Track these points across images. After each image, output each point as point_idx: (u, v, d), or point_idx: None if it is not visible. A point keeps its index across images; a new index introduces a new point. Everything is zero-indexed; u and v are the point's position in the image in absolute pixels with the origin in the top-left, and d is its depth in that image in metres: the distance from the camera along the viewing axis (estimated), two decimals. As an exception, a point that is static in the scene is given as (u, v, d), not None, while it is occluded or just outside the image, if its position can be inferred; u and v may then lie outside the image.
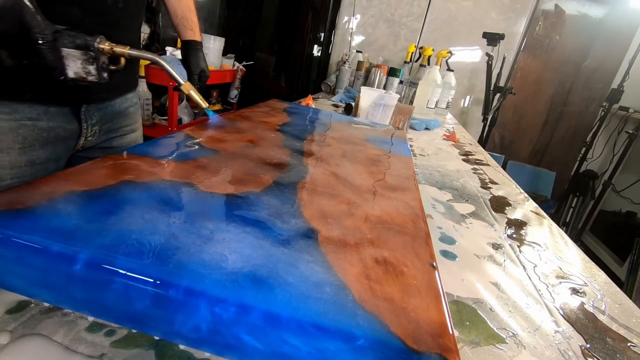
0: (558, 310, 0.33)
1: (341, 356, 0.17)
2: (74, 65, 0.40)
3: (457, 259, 0.39)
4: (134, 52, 0.45)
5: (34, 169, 0.49)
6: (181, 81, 0.51)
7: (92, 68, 0.41)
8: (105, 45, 0.42)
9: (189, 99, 0.53)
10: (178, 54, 1.58)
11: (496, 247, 0.44)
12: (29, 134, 0.47)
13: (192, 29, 0.70)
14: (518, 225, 0.53)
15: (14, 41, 0.36)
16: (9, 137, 0.45)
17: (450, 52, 1.65)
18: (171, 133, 0.42)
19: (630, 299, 0.38)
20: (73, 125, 0.51)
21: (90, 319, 0.22)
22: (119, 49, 0.43)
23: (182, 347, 0.22)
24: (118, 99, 0.59)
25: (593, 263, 0.45)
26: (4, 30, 0.34)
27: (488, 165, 0.86)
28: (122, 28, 0.53)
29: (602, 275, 0.42)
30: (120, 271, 0.18)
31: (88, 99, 0.52)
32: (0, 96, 0.44)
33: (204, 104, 0.52)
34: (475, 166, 0.82)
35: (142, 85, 1.53)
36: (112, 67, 0.44)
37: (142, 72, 1.50)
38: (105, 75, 0.43)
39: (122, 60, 0.45)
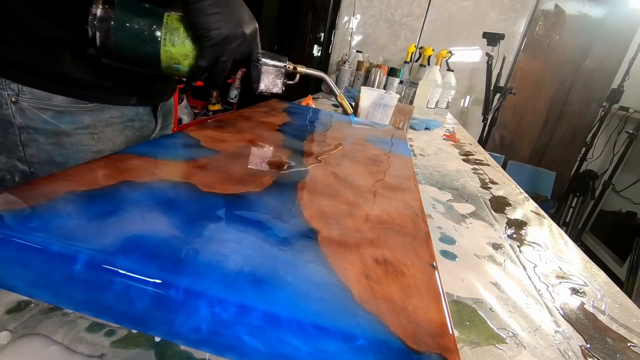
0: (558, 310, 0.33)
1: (341, 356, 0.17)
2: (267, 79, 0.49)
3: (457, 259, 0.39)
4: (307, 71, 0.54)
5: None
6: (337, 92, 0.63)
7: (279, 82, 0.50)
8: (290, 65, 0.51)
9: (339, 105, 0.66)
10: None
11: (496, 247, 0.44)
12: (130, 133, 0.53)
13: None
14: (518, 225, 0.53)
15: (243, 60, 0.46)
16: (119, 137, 0.52)
17: (450, 52, 1.65)
18: (171, 133, 0.42)
19: (630, 299, 0.38)
20: (152, 123, 0.58)
21: (90, 319, 0.22)
22: (299, 68, 0.53)
23: (182, 347, 0.22)
24: (170, 97, 0.66)
25: (593, 263, 0.45)
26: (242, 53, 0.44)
27: (488, 165, 0.86)
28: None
29: (602, 275, 0.42)
30: (120, 271, 0.18)
31: (163, 98, 0.59)
32: (114, 102, 0.49)
33: (349, 110, 0.67)
34: (475, 166, 0.82)
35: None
36: (290, 82, 0.52)
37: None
38: (284, 88, 0.51)
39: (297, 77, 0.53)
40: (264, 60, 0.47)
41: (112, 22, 0.37)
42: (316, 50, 2.51)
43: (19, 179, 0.46)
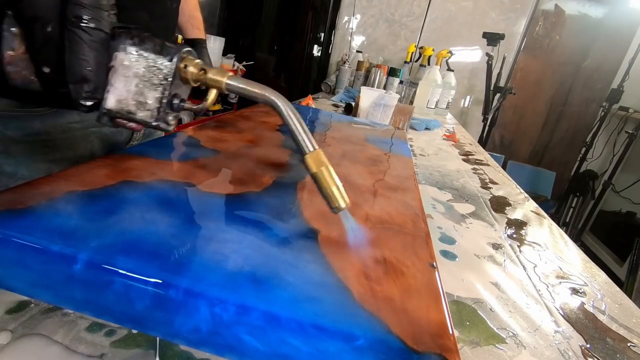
0: (558, 310, 0.33)
1: (341, 356, 0.17)
2: (123, 84, 0.25)
3: (457, 259, 0.39)
4: (239, 85, 0.25)
5: None
6: (311, 148, 0.27)
7: (151, 95, 0.25)
8: (192, 64, 0.26)
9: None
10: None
11: (496, 247, 0.44)
12: (96, 141, 0.48)
13: (198, 28, 0.70)
14: (518, 225, 0.53)
15: None
16: (81, 144, 0.46)
17: (450, 52, 1.65)
18: (171, 133, 0.42)
19: (630, 299, 0.38)
20: (127, 131, 0.52)
21: (90, 319, 0.22)
22: (211, 75, 0.26)
23: (182, 347, 0.22)
24: None
25: (593, 263, 0.45)
26: None
27: (488, 165, 0.86)
28: (172, 32, 0.54)
29: (602, 275, 0.42)
30: (120, 271, 0.18)
31: None
32: (62, 106, 0.42)
33: (342, 202, 0.28)
34: (475, 166, 0.82)
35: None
36: (188, 108, 0.28)
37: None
38: (172, 120, 0.27)
39: (212, 96, 0.27)
40: (122, 39, 0.24)
41: None
42: (316, 50, 2.51)
43: None
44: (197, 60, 0.26)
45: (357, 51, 2.00)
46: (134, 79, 0.25)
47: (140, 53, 0.24)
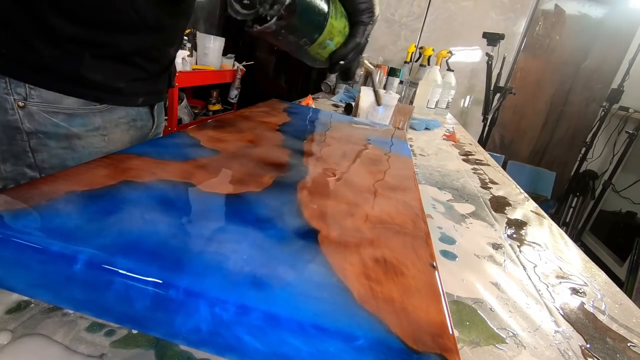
0: (558, 310, 0.33)
1: (341, 356, 0.17)
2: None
3: (457, 259, 0.39)
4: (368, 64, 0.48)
5: None
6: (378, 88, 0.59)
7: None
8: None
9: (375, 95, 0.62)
10: (179, 53, 1.57)
11: (496, 247, 0.44)
12: (133, 133, 0.54)
13: None
14: (518, 225, 0.53)
15: None
16: (125, 137, 0.52)
17: (450, 52, 1.65)
18: (171, 133, 0.42)
19: (630, 299, 0.38)
20: (150, 121, 0.58)
21: (90, 319, 0.22)
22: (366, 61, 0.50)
23: (182, 347, 0.22)
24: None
25: (593, 263, 0.45)
26: None
27: (488, 165, 0.86)
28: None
29: (602, 275, 0.42)
30: (120, 271, 0.18)
31: (161, 97, 0.59)
32: (124, 103, 0.49)
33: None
34: (475, 166, 0.82)
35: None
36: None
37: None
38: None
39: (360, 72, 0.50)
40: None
41: None
42: (316, 50, 2.50)
43: None
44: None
45: (357, 51, 2.00)
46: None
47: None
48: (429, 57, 1.75)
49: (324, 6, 0.38)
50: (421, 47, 1.84)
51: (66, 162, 0.46)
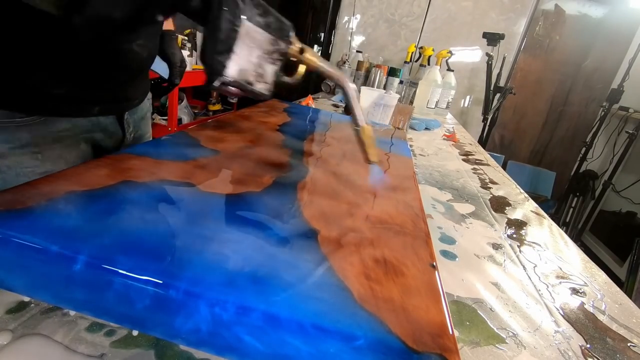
0: (558, 310, 0.33)
1: (341, 356, 0.17)
2: (244, 56, 0.25)
3: (457, 259, 0.39)
4: (321, 64, 0.32)
5: None
6: (363, 123, 0.37)
7: (268, 69, 0.27)
8: (296, 44, 0.29)
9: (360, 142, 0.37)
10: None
11: (496, 247, 0.44)
12: (87, 148, 0.45)
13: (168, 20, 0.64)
14: (518, 225, 0.53)
15: None
16: (73, 153, 0.43)
17: (450, 52, 1.65)
18: (171, 133, 0.42)
19: (630, 299, 0.38)
20: (118, 135, 0.49)
21: (90, 319, 0.22)
22: (307, 55, 0.30)
23: (182, 347, 0.22)
24: (142, 104, 0.55)
25: (593, 263, 0.45)
26: None
27: (488, 165, 0.86)
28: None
29: (602, 275, 0.42)
30: (120, 271, 0.18)
31: (130, 105, 0.49)
32: (70, 114, 0.40)
33: (373, 157, 0.37)
34: (475, 166, 0.82)
35: (142, 85, 1.53)
36: (287, 80, 0.31)
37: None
38: (270, 89, 0.29)
39: (300, 73, 0.31)
40: (246, 14, 0.25)
41: None
42: (316, 50, 2.51)
43: None
44: (297, 41, 0.29)
45: (357, 51, 2.00)
46: (257, 50, 0.25)
47: (265, 24, 0.25)
48: (429, 57, 1.75)
49: None
50: (421, 47, 1.84)
51: None
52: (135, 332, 0.22)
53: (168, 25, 0.66)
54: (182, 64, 0.64)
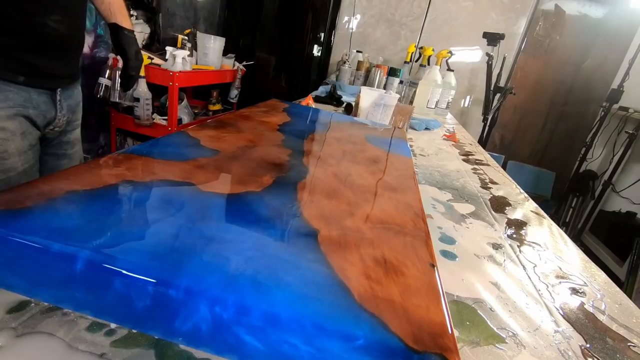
0: (558, 310, 0.33)
1: (341, 356, 0.17)
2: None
3: (457, 259, 0.39)
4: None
5: (33, 154, 0.52)
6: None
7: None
8: None
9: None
10: (179, 52, 1.58)
11: (496, 247, 0.44)
12: (23, 121, 0.49)
13: (120, 13, 0.68)
14: (518, 225, 0.53)
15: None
16: (12, 124, 0.47)
17: (450, 52, 1.65)
18: (171, 133, 0.42)
19: (630, 299, 0.38)
20: (51, 111, 0.53)
21: (90, 318, 0.22)
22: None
23: (182, 347, 0.22)
24: (76, 89, 0.61)
25: (593, 263, 0.45)
26: None
27: (488, 165, 0.86)
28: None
29: (602, 275, 0.42)
30: (120, 271, 0.18)
31: (58, 83, 0.53)
32: None
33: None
34: (475, 166, 0.82)
35: (142, 85, 1.53)
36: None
37: (142, 72, 1.50)
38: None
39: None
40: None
41: None
42: (316, 50, 2.51)
43: None
44: None
45: (357, 51, 2.00)
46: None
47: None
48: (429, 57, 1.75)
49: None
50: (421, 47, 1.84)
51: None
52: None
53: (121, 19, 0.67)
54: (138, 56, 0.68)
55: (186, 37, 1.83)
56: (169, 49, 1.61)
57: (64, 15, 0.50)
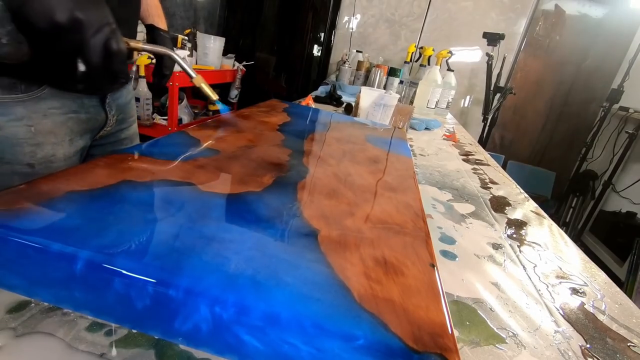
0: (558, 310, 0.33)
1: (341, 356, 0.17)
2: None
3: (457, 259, 0.39)
4: (148, 47, 0.45)
5: (78, 160, 0.54)
6: (193, 74, 0.52)
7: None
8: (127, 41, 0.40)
9: (200, 92, 0.53)
10: (179, 53, 1.58)
11: (496, 247, 0.44)
12: (74, 125, 0.51)
13: (157, 15, 0.70)
14: (518, 225, 0.53)
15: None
16: (62, 129, 0.49)
17: (450, 52, 1.65)
18: (171, 133, 0.42)
19: (630, 299, 0.38)
20: (101, 116, 0.56)
21: (90, 318, 0.22)
22: (133, 43, 0.43)
23: (182, 347, 0.22)
24: (125, 89, 0.63)
25: (593, 263, 0.45)
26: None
27: (488, 165, 0.86)
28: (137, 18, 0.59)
29: (602, 275, 0.42)
30: (120, 271, 0.18)
31: (112, 89, 0.56)
32: (57, 86, 0.46)
33: (214, 96, 0.54)
34: (475, 166, 0.82)
35: (142, 85, 1.53)
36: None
37: (142, 72, 1.50)
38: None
39: (135, 55, 0.48)
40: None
41: None
42: (316, 50, 2.51)
43: None
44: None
45: (357, 51, 2.00)
46: None
47: None
48: (429, 57, 1.75)
49: None
50: (421, 47, 1.84)
51: None
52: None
53: (158, 21, 0.68)
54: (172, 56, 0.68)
55: (186, 37, 1.83)
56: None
57: (121, 28, 0.52)
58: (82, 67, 0.39)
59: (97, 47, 0.37)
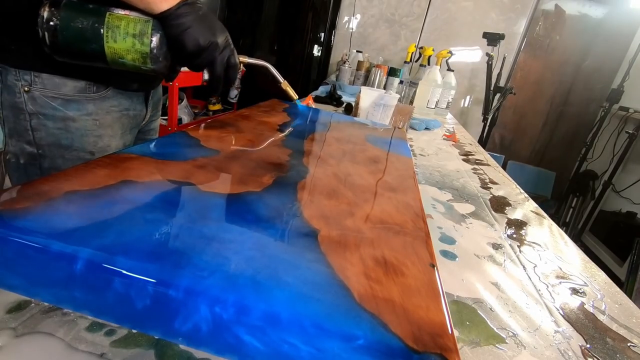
0: (558, 310, 0.33)
1: (341, 356, 0.17)
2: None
3: (457, 259, 0.39)
4: (252, 60, 0.57)
5: None
6: (281, 79, 0.64)
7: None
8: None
9: (284, 94, 0.66)
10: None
11: (496, 247, 0.44)
12: (125, 121, 0.58)
13: None
14: (518, 225, 0.53)
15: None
16: (117, 124, 0.56)
17: (450, 52, 1.65)
18: (171, 133, 0.42)
19: (630, 299, 0.38)
20: (143, 111, 0.63)
21: (90, 318, 0.22)
22: (242, 58, 0.54)
23: (182, 347, 0.22)
24: (160, 87, 0.71)
25: (593, 263, 0.45)
26: None
27: (488, 165, 0.86)
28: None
29: (602, 275, 0.42)
30: (120, 271, 0.18)
31: (154, 85, 0.64)
32: (120, 86, 0.55)
33: (295, 96, 0.67)
34: (475, 166, 0.82)
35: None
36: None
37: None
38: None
39: (241, 67, 0.55)
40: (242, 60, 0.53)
41: (58, 23, 0.40)
42: (316, 50, 2.51)
43: (24, 161, 0.51)
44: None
45: (357, 51, 2.00)
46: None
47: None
48: (429, 57, 1.75)
49: (94, 33, 0.42)
50: (421, 47, 1.84)
51: (61, 140, 0.51)
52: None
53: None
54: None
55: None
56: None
57: None
58: (205, 76, 0.50)
59: (222, 62, 0.48)
